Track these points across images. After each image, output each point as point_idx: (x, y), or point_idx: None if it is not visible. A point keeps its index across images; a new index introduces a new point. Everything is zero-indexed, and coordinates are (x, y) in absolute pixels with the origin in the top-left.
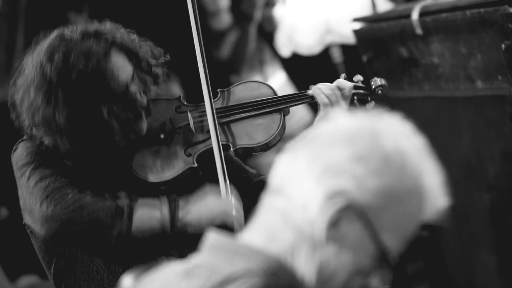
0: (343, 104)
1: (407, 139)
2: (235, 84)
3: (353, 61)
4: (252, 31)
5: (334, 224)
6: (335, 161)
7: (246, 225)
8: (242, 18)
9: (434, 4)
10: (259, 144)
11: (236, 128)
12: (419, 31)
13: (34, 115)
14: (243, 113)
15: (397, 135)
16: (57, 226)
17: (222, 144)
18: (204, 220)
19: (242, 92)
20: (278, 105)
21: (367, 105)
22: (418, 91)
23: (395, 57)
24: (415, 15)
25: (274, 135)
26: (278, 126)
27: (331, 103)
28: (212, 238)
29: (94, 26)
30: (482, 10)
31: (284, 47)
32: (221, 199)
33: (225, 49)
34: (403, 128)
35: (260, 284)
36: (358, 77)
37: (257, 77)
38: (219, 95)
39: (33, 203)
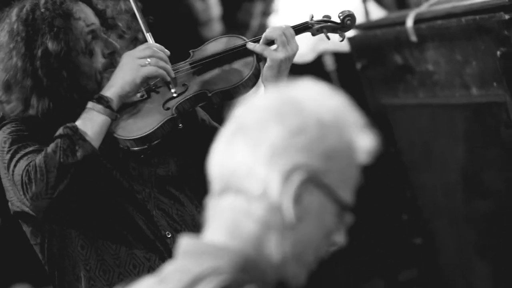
0: (292, 47)
1: (329, 98)
2: (206, 42)
3: (346, 68)
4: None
5: (297, 200)
6: (276, 141)
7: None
8: (238, 26)
9: (429, 11)
10: (235, 86)
11: (211, 75)
12: (414, 38)
13: (6, 71)
14: (215, 61)
15: (318, 97)
16: (45, 203)
17: (199, 93)
18: (126, 85)
19: (213, 46)
20: (246, 49)
21: (339, 37)
22: (413, 98)
23: (389, 65)
24: (409, 22)
25: (249, 75)
26: (252, 67)
27: (279, 46)
28: (184, 244)
29: None
30: (477, 17)
31: None
32: (130, 56)
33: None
34: (320, 89)
35: (228, 280)
36: (326, 15)
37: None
38: (191, 54)
39: (18, 192)
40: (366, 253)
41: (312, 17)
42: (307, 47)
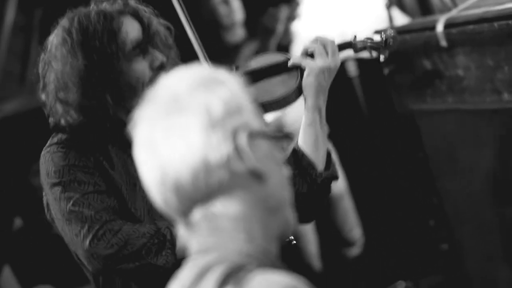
0: (332, 60)
1: (219, 74)
2: (251, 59)
3: (368, 74)
4: (273, 44)
5: (257, 158)
6: (203, 125)
7: None
8: (263, 31)
9: (459, 16)
10: (279, 98)
11: (256, 88)
12: (443, 43)
13: (59, 79)
14: (260, 75)
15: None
16: (102, 265)
17: None
18: None
19: (257, 62)
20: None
21: (380, 56)
22: (441, 103)
23: (418, 70)
24: (440, 27)
25: (294, 88)
26: (296, 80)
27: (317, 56)
28: (192, 245)
29: None
30: (510, 21)
31: None
32: None
33: (241, 62)
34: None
35: (231, 267)
36: (369, 36)
37: None
38: (235, 69)
39: (73, 234)
40: (392, 258)
41: (355, 38)
42: None
